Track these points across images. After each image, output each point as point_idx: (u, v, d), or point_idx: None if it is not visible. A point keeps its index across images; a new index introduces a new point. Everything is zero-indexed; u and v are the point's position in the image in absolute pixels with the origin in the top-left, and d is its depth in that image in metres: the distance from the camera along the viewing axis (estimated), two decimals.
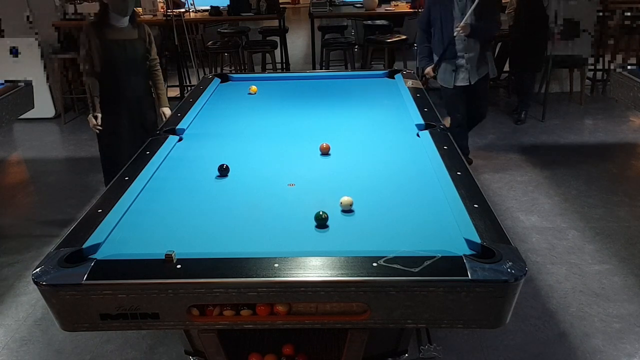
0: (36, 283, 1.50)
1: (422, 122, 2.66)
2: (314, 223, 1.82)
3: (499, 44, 5.99)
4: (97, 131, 3.34)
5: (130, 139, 3.39)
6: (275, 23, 6.42)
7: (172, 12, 5.54)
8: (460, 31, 3.72)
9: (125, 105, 3.37)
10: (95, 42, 3.17)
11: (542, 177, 4.16)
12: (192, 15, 6.06)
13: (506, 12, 5.60)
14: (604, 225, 3.45)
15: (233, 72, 6.04)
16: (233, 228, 1.83)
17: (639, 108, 3.45)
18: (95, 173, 4.46)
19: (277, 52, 6.27)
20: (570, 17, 4.97)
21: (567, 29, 5.00)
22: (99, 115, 3.29)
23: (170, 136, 2.62)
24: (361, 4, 6.41)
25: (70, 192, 4.19)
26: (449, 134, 2.54)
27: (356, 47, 7.14)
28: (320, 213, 1.80)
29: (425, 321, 1.53)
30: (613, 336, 2.53)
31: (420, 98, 3.05)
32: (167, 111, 3.51)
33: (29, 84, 3.69)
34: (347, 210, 1.90)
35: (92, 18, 3.29)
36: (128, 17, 3.21)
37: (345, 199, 1.91)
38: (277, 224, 1.85)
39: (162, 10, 5.78)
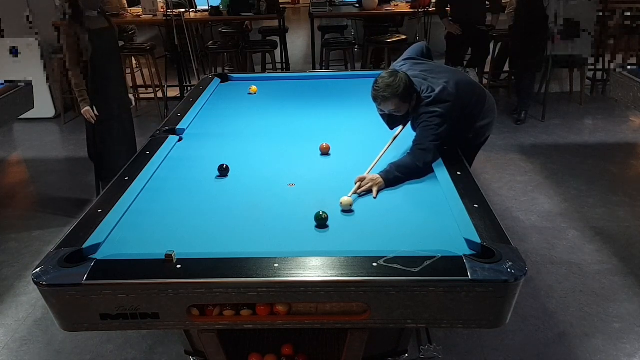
0: (36, 283, 1.50)
1: None
2: (314, 223, 1.82)
3: (499, 44, 5.99)
4: (94, 121, 3.47)
5: (121, 124, 3.66)
6: (275, 23, 6.41)
7: (172, 12, 5.54)
8: (372, 188, 2.11)
9: (111, 91, 3.55)
10: (82, 35, 3.30)
11: (542, 177, 4.15)
12: (192, 15, 6.05)
13: (506, 12, 5.60)
14: (604, 225, 3.45)
15: (233, 72, 6.04)
16: (233, 228, 1.83)
17: (639, 108, 3.45)
18: None
19: (277, 52, 6.26)
20: (570, 17, 4.97)
21: (567, 29, 4.99)
22: (93, 106, 3.45)
23: (170, 136, 2.62)
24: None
25: (70, 192, 4.19)
26: None
27: (356, 47, 7.14)
28: (320, 213, 1.80)
29: (425, 321, 1.53)
30: (613, 336, 2.53)
31: None
32: (132, 97, 3.87)
33: (29, 84, 3.69)
34: (347, 210, 1.90)
35: (68, 15, 3.46)
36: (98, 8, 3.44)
37: (345, 199, 1.91)
38: (277, 224, 1.85)
39: (162, 10, 5.78)
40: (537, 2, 4.90)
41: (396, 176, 2.14)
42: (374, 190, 2.07)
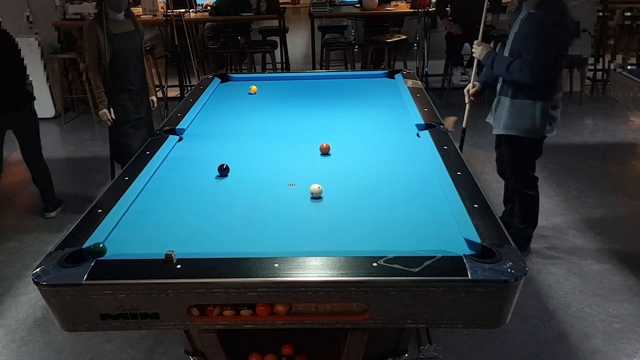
0: (36, 283, 1.50)
1: (422, 122, 2.66)
2: (314, 223, 1.82)
3: (499, 44, 5.98)
4: (110, 124, 3.46)
5: (138, 127, 3.62)
6: (275, 23, 6.42)
7: (172, 12, 5.54)
8: (474, 51, 3.01)
9: (131, 94, 3.54)
10: (102, 36, 3.29)
11: (542, 177, 4.14)
12: (192, 15, 6.05)
13: (507, 12, 5.60)
14: (604, 225, 3.45)
15: (233, 72, 6.04)
16: (233, 228, 1.83)
17: (639, 108, 3.45)
18: (95, 173, 4.46)
19: (277, 52, 6.27)
20: None
21: None
22: (111, 108, 3.43)
23: (170, 136, 2.62)
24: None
25: (70, 192, 4.19)
26: (449, 134, 2.55)
27: (356, 47, 7.14)
28: (101, 245, 1.65)
29: (425, 321, 1.53)
30: (613, 336, 2.53)
31: (420, 98, 3.06)
32: (154, 99, 3.84)
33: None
34: (317, 197, 1.99)
35: (92, 16, 3.42)
36: (124, 11, 3.42)
37: (314, 187, 2.00)
38: (277, 224, 1.85)
39: (162, 10, 5.78)
40: None
41: (486, 58, 2.83)
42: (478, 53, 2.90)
